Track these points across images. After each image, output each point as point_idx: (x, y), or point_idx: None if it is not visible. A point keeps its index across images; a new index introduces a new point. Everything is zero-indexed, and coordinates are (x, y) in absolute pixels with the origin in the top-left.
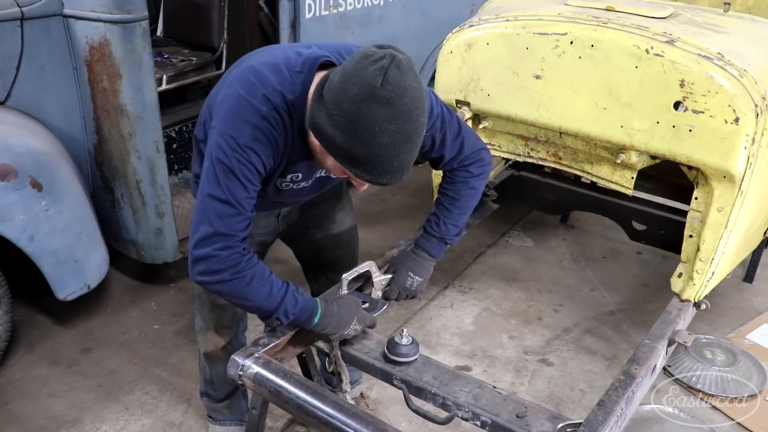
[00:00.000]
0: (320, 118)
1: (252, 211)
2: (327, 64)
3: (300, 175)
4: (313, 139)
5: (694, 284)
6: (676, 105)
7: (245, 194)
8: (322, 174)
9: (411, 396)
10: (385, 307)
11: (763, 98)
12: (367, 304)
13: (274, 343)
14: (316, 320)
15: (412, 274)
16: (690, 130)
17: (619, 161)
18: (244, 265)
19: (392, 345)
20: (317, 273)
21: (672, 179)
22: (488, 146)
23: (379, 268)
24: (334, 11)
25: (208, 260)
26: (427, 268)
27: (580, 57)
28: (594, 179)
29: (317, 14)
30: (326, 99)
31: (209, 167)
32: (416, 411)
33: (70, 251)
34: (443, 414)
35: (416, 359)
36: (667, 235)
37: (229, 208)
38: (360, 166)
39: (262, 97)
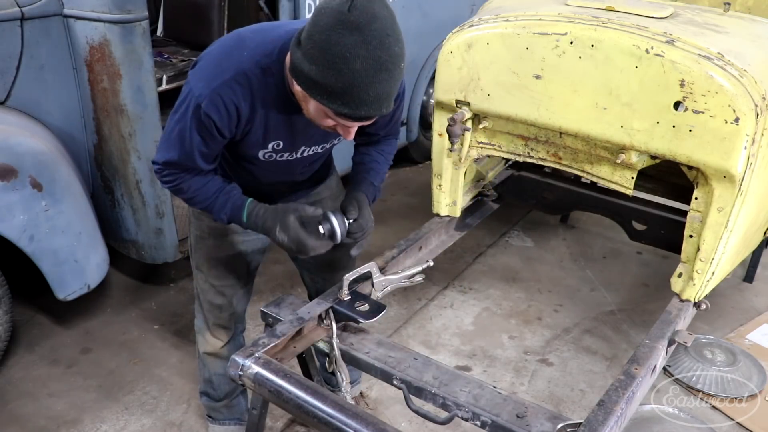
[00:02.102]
0: (297, 59)
1: (209, 164)
2: None
3: (281, 143)
4: (296, 87)
5: (694, 284)
6: (676, 105)
7: (195, 150)
8: (309, 152)
9: (411, 396)
10: (384, 310)
11: (763, 98)
12: (367, 306)
13: (274, 343)
14: (244, 219)
15: (362, 195)
16: (690, 130)
17: (619, 161)
18: (180, 182)
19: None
20: (313, 273)
21: (672, 179)
22: (488, 146)
23: (380, 268)
24: None
25: (160, 173)
26: (366, 204)
27: (580, 57)
28: (594, 179)
29: None
30: (302, 39)
31: (173, 113)
32: (416, 411)
33: (70, 251)
34: (443, 414)
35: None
36: (667, 235)
37: (176, 155)
38: (337, 98)
39: (233, 64)
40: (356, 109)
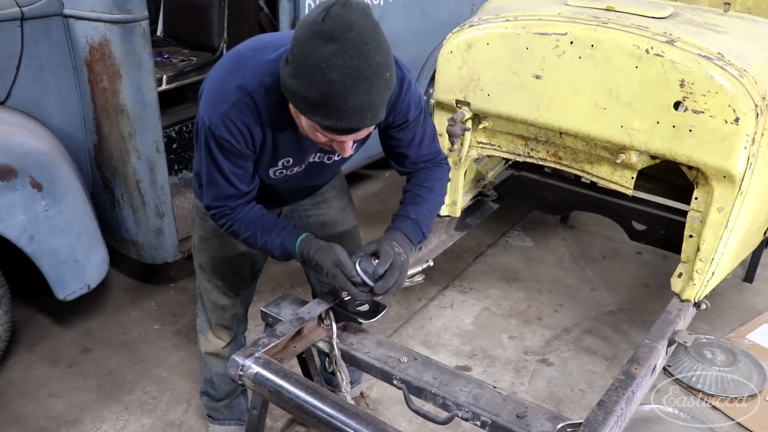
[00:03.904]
0: (283, 75)
1: (246, 187)
2: None
3: (291, 159)
4: (290, 104)
5: (694, 284)
6: (676, 105)
7: (231, 174)
8: (315, 159)
9: (411, 396)
10: (384, 310)
11: (763, 98)
12: (366, 306)
13: (274, 343)
14: (296, 255)
15: (396, 244)
16: (690, 130)
17: (619, 161)
18: (232, 222)
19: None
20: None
21: (672, 179)
22: (488, 146)
23: None
24: None
25: (210, 210)
26: (407, 246)
27: (580, 57)
28: (594, 179)
29: None
30: (288, 55)
31: (197, 148)
32: (416, 411)
33: (70, 251)
34: (443, 414)
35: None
36: (667, 235)
37: (215, 186)
38: (317, 110)
39: (236, 86)
40: (337, 121)
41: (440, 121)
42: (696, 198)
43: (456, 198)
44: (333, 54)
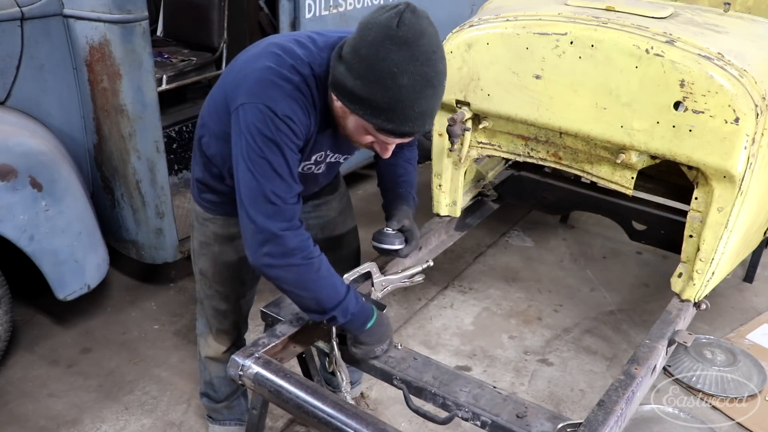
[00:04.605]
0: (340, 73)
1: (299, 183)
2: None
3: (323, 153)
4: (336, 103)
5: (694, 284)
6: (676, 105)
7: (291, 164)
8: (332, 159)
9: (411, 396)
10: (384, 309)
11: (763, 98)
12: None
13: (274, 343)
14: (369, 325)
15: (404, 215)
16: (690, 130)
17: (619, 161)
18: (313, 251)
19: (379, 234)
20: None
21: (672, 179)
22: (488, 146)
23: (380, 268)
24: (334, 11)
25: (275, 240)
26: (410, 216)
27: (580, 57)
28: (594, 179)
29: (317, 14)
30: (344, 54)
31: (248, 143)
32: (416, 411)
33: (70, 251)
34: (443, 414)
35: (401, 249)
36: (667, 235)
37: (279, 181)
38: (381, 114)
39: (291, 68)
40: (400, 125)
41: (440, 121)
42: (696, 198)
43: (456, 198)
44: (406, 60)
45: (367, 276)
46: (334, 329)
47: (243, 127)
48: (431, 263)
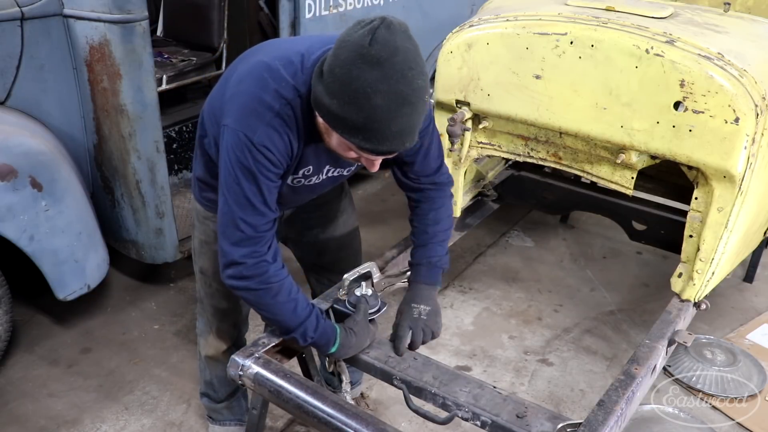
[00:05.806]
0: (319, 92)
1: (275, 210)
2: None
3: (311, 168)
4: (319, 119)
5: (694, 284)
6: (676, 105)
7: (266, 193)
8: (334, 173)
9: (411, 396)
10: (384, 308)
11: (763, 98)
12: (373, 309)
13: (274, 343)
14: (333, 349)
15: (414, 304)
16: (690, 130)
17: (619, 161)
18: (271, 277)
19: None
20: (319, 275)
21: (672, 179)
22: (488, 146)
23: (380, 268)
24: (334, 11)
25: (236, 266)
26: (428, 296)
27: (580, 57)
28: (594, 179)
29: (317, 14)
30: (323, 72)
31: (227, 169)
32: (416, 411)
33: (70, 251)
34: (443, 414)
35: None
36: (667, 235)
37: (251, 210)
38: (358, 133)
39: (275, 93)
40: (378, 145)
41: (440, 121)
42: (696, 198)
43: (456, 198)
44: (379, 80)
45: (367, 276)
46: None
47: (224, 150)
48: None
